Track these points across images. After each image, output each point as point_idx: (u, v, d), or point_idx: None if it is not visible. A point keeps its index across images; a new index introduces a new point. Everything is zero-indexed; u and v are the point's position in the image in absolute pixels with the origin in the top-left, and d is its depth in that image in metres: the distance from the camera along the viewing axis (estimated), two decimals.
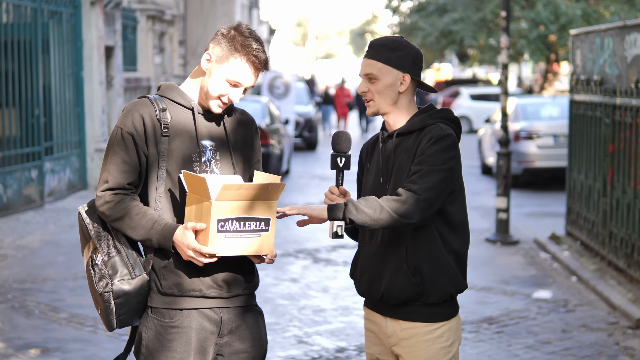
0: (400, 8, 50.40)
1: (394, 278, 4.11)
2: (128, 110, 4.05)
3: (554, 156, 18.95)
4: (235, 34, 4.03)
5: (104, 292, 3.97)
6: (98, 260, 4.01)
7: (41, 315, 8.92)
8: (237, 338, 4.12)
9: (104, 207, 4.01)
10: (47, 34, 16.62)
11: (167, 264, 4.01)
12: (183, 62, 28.64)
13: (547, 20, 35.19)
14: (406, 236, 4.10)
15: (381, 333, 4.26)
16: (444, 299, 4.14)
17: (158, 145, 4.02)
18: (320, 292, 10.11)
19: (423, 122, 4.15)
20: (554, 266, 11.55)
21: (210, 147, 4.09)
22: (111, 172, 4.02)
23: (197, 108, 4.10)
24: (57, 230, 13.68)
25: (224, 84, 4.03)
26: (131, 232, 3.99)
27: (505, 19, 13.42)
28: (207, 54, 4.08)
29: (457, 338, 4.23)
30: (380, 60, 4.15)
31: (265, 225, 3.93)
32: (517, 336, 8.44)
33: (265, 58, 4.06)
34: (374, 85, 4.17)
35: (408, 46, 4.19)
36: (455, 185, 4.13)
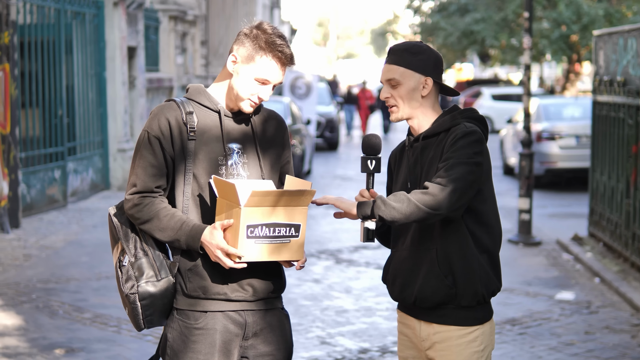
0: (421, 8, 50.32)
1: (427, 281, 4.09)
2: (155, 114, 4.07)
3: (576, 157, 18.90)
4: (258, 32, 4.04)
5: (129, 294, 4.00)
6: (125, 261, 4.04)
7: (65, 315, 8.98)
8: (262, 341, 4.12)
9: (133, 210, 4.03)
10: (71, 35, 16.70)
11: (193, 266, 4.02)
12: (205, 63, 28.70)
13: (569, 20, 35.08)
14: (436, 238, 4.08)
15: (415, 337, 4.24)
16: (477, 300, 4.09)
17: (184, 148, 4.02)
18: (342, 292, 10.13)
19: (448, 124, 4.14)
20: (577, 267, 11.52)
21: (237, 149, 4.09)
22: (139, 175, 4.04)
23: (224, 111, 4.10)
24: (80, 230, 13.75)
25: (253, 83, 4.04)
26: (159, 234, 4.00)
27: (528, 19, 13.40)
28: (232, 56, 4.08)
29: (490, 343, 4.21)
30: (401, 65, 4.15)
31: (295, 231, 3.93)
32: (540, 337, 8.43)
33: (291, 53, 4.06)
34: (397, 91, 4.16)
35: (428, 50, 4.19)
36: (485, 183, 4.10)
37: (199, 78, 27.44)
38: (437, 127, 4.15)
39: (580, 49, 37.17)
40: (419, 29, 51.74)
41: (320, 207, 8.50)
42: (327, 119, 28.81)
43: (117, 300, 9.44)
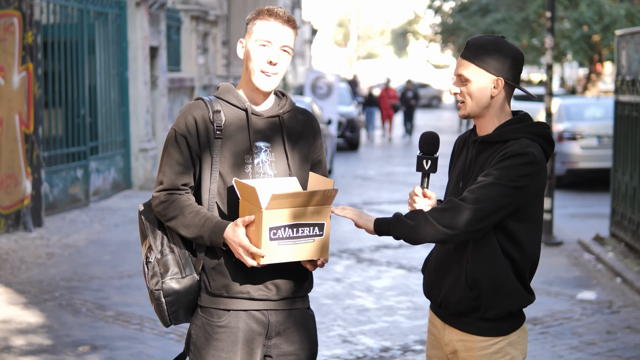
0: (442, 8, 50.27)
1: (452, 288, 4.04)
2: (182, 113, 4.10)
3: (597, 157, 18.86)
4: (255, 11, 4.11)
5: (154, 290, 4.05)
6: (152, 258, 4.09)
7: (88, 313, 9.03)
8: (285, 340, 4.13)
9: (159, 207, 4.07)
10: (93, 35, 16.78)
11: (216, 265, 4.05)
12: (226, 63, 28.76)
13: (591, 20, 34.96)
14: (468, 249, 4.01)
15: (440, 339, 4.20)
16: (502, 315, 4.00)
17: (211, 147, 4.05)
18: (364, 291, 10.15)
19: (509, 135, 4.00)
20: (598, 267, 11.50)
21: (264, 148, 4.10)
22: (166, 173, 4.08)
23: (251, 109, 4.11)
24: (102, 229, 13.82)
25: (257, 50, 4.05)
26: (184, 231, 4.03)
27: (550, 19, 13.38)
28: (239, 43, 4.15)
29: (518, 353, 4.07)
30: (473, 62, 4.01)
31: (319, 230, 3.92)
32: (562, 337, 8.43)
33: (282, 10, 4.08)
34: (466, 87, 4.04)
35: (506, 48, 4.02)
36: (528, 203, 3.96)
37: (221, 78, 27.50)
38: (497, 136, 4.02)
39: (602, 49, 37.04)
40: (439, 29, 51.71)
41: None
42: (348, 119, 28.82)
43: (139, 299, 9.51)
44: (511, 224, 3.97)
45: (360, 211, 4.05)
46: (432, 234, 3.87)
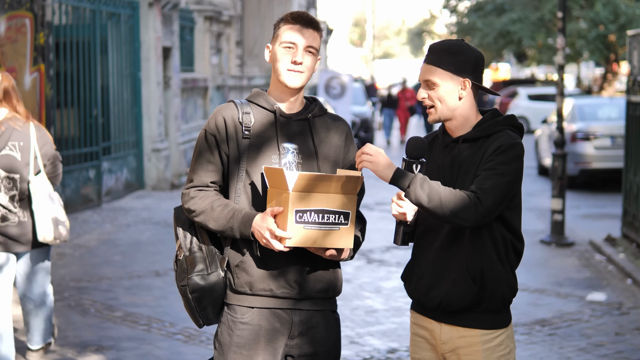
0: (458, 8, 50.22)
1: (455, 285, 4.06)
2: (213, 114, 4.22)
3: (611, 157, 18.78)
4: (281, 17, 4.22)
5: (181, 286, 4.16)
6: (181, 256, 4.19)
7: (96, 313, 9.05)
8: (308, 341, 4.17)
9: (189, 203, 4.18)
10: (106, 35, 16.82)
11: (240, 262, 4.11)
12: (240, 63, 28.77)
13: (607, 20, 34.87)
14: (466, 244, 4.06)
15: (434, 339, 4.19)
16: (503, 304, 4.10)
17: (239, 147, 4.14)
18: (373, 292, 10.14)
19: (490, 129, 4.10)
20: (609, 268, 11.46)
21: (292, 149, 4.17)
22: (196, 171, 4.21)
23: (280, 111, 4.19)
24: (114, 229, 13.85)
25: (283, 51, 4.13)
26: (214, 224, 4.10)
27: (562, 19, 13.34)
28: (266, 48, 4.24)
29: (513, 345, 4.19)
30: (439, 66, 4.08)
31: (344, 219, 3.97)
32: (570, 339, 8.40)
33: (305, 13, 4.17)
34: (434, 92, 4.10)
35: (469, 50, 4.12)
36: (517, 191, 4.10)
37: (234, 78, 27.52)
38: (479, 132, 4.10)
39: (618, 48, 36.93)
40: (455, 28, 51.65)
41: None
42: (362, 119, 28.79)
43: (148, 299, 9.53)
44: (507, 213, 4.07)
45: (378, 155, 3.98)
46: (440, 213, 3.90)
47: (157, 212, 15.52)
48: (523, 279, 10.45)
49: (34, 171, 6.78)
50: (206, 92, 23.96)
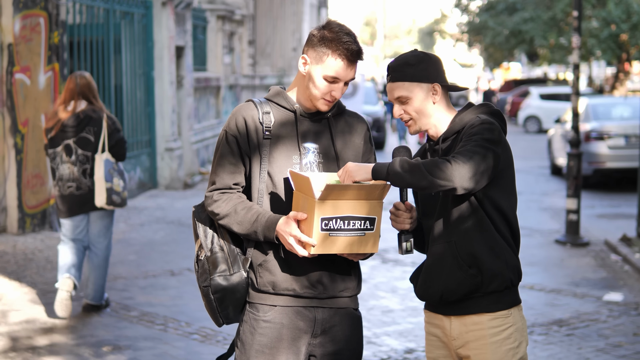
0: (469, 7, 50.13)
1: (451, 274, 4.08)
2: (233, 114, 4.18)
3: (625, 157, 18.70)
4: (325, 32, 4.09)
5: (203, 287, 4.14)
6: (202, 256, 4.17)
7: (112, 313, 9.03)
8: (331, 339, 4.15)
9: (213, 205, 4.15)
10: (119, 35, 16.81)
11: (263, 261, 4.10)
12: (252, 62, 28.76)
13: (619, 19, 34.77)
14: (451, 230, 4.08)
15: (445, 336, 4.22)
16: (505, 285, 4.10)
17: (260, 147, 4.11)
18: (388, 292, 10.11)
19: (465, 120, 4.15)
20: (625, 268, 11.41)
21: (313, 149, 4.15)
22: (218, 173, 4.17)
23: (300, 110, 4.17)
24: (127, 228, 13.84)
25: (323, 82, 4.08)
26: (238, 227, 4.08)
27: (577, 18, 13.29)
28: (302, 58, 4.15)
29: (524, 339, 4.18)
30: (405, 80, 4.14)
31: (370, 225, 3.95)
32: (588, 339, 8.36)
33: (358, 49, 4.08)
34: (409, 106, 4.17)
35: (426, 56, 4.18)
36: (502, 172, 4.07)
37: (247, 77, 27.52)
38: (455, 126, 4.17)
39: (630, 48, 36.83)
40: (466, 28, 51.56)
41: None
42: (374, 118, 28.77)
43: (163, 299, 9.51)
44: (494, 193, 4.07)
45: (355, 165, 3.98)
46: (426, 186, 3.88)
47: (171, 212, 15.51)
48: (539, 279, 10.48)
49: (101, 150, 8.60)
50: (219, 92, 23.95)
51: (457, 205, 4.08)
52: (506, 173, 4.12)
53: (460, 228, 4.08)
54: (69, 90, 8.70)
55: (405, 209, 4.16)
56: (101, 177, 8.55)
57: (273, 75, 31.39)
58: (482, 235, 4.07)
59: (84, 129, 8.60)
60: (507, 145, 4.13)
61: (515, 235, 4.20)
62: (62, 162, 8.66)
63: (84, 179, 8.63)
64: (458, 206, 4.08)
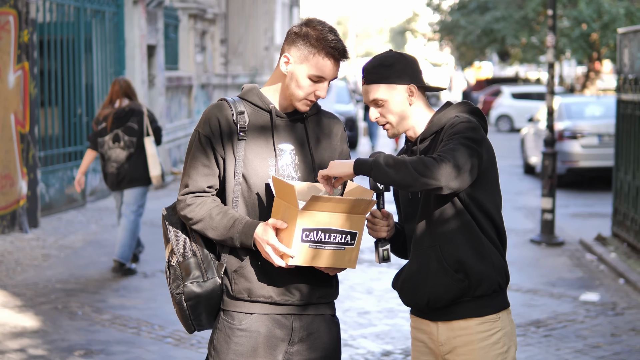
0: (441, 6, 50.20)
1: (437, 280, 3.98)
2: (206, 113, 4.03)
3: (598, 156, 18.72)
4: (308, 29, 3.96)
5: (176, 294, 3.98)
6: (174, 261, 4.02)
7: (84, 316, 8.89)
8: (308, 347, 4.03)
9: (186, 210, 4.00)
10: (90, 33, 16.65)
11: (239, 268, 3.97)
12: (224, 61, 28.63)
13: (590, 18, 34.89)
14: (435, 234, 3.98)
15: (432, 342, 4.13)
16: (493, 289, 4.01)
17: (234, 148, 3.97)
18: (364, 293, 10.02)
19: (443, 119, 4.06)
20: (601, 268, 11.38)
21: (289, 150, 4.03)
22: (191, 176, 4.02)
23: (276, 111, 4.04)
24: (99, 229, 13.69)
25: (308, 82, 3.97)
26: (213, 233, 3.95)
27: (552, 17, 13.25)
28: (284, 57, 4.01)
29: (512, 343, 4.10)
30: (380, 82, 4.04)
31: (351, 239, 3.83)
32: (566, 340, 8.30)
33: (343, 47, 3.97)
34: (385, 108, 4.06)
35: (401, 56, 4.08)
36: (485, 172, 3.98)
37: (219, 77, 27.38)
38: (433, 126, 4.07)
39: (601, 47, 36.97)
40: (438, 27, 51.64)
41: None
42: (346, 117, 28.69)
43: (137, 301, 9.39)
44: (476, 193, 3.98)
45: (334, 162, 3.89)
46: (412, 183, 3.78)
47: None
48: (515, 279, 10.41)
49: (146, 134, 10.56)
50: (190, 91, 23.81)
51: (440, 207, 3.98)
52: (489, 172, 4.03)
53: (444, 231, 3.98)
54: (115, 91, 10.69)
55: (381, 217, 4.06)
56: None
57: (245, 74, 31.26)
58: (467, 238, 3.97)
59: (129, 120, 10.50)
60: (489, 144, 4.03)
61: (502, 236, 4.10)
62: (110, 147, 10.53)
63: (125, 163, 10.51)
64: (440, 209, 3.98)
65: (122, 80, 10.78)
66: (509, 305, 4.12)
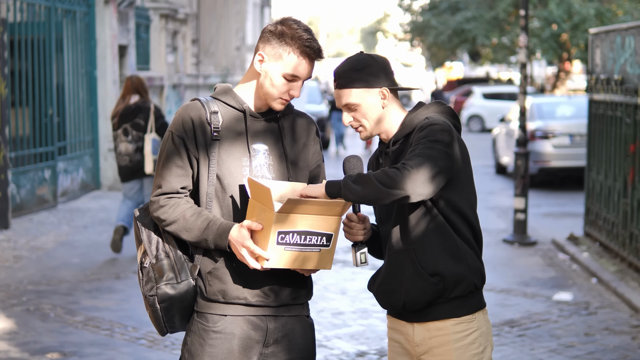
0: (412, 6, 50.28)
1: (412, 283, 3.97)
2: (179, 113, 3.99)
3: (570, 156, 18.81)
4: (283, 28, 3.93)
5: (149, 296, 3.94)
6: (147, 263, 3.97)
7: (57, 318, 8.82)
8: (283, 348, 4.01)
9: (159, 211, 3.95)
10: (61, 33, 16.55)
11: (213, 269, 3.93)
12: (196, 61, 28.55)
13: (560, 19, 35.07)
14: (410, 237, 3.96)
15: (408, 342, 4.11)
16: (469, 290, 3.99)
17: (208, 148, 3.93)
18: (338, 294, 10.00)
19: (415, 121, 4.03)
20: (573, 267, 11.42)
21: (263, 151, 3.99)
22: (164, 177, 3.97)
23: (250, 110, 4.00)
24: (71, 231, 13.60)
25: (282, 81, 3.94)
26: (186, 234, 3.91)
27: (524, 17, 13.29)
28: (258, 55, 3.98)
29: (489, 344, 4.09)
30: (352, 86, 4.01)
31: (327, 241, 3.81)
32: (540, 339, 8.31)
33: (318, 46, 3.95)
34: (358, 113, 4.04)
35: (372, 59, 4.05)
36: (458, 172, 3.96)
37: (190, 77, 27.29)
38: (405, 128, 4.04)
39: (571, 47, 37.16)
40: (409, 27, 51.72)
41: None
42: (318, 118, 28.68)
43: (109, 303, 9.32)
44: (450, 195, 3.95)
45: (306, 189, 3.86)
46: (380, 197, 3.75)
47: (115, 213, 15.23)
48: (489, 279, 10.35)
49: (149, 131, 11.14)
50: (162, 91, 23.71)
51: (414, 210, 3.96)
52: (463, 173, 4.00)
53: (418, 234, 3.96)
54: (127, 87, 11.38)
55: (358, 220, 4.03)
56: (149, 151, 11.10)
57: (217, 74, 31.18)
58: (441, 240, 3.95)
59: (136, 116, 11.16)
60: (462, 144, 4.01)
61: (477, 236, 4.09)
62: (121, 141, 11.20)
63: (135, 154, 11.15)
64: (414, 212, 3.96)
65: (135, 77, 11.51)
66: (485, 305, 4.10)
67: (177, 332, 4.12)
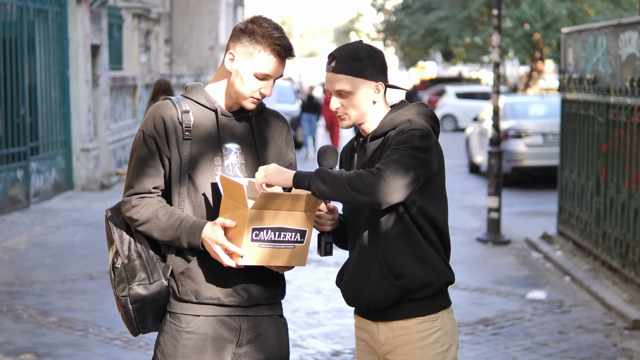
0: (385, 6, 50.34)
1: (377, 283, 3.96)
2: (150, 113, 3.96)
3: (543, 155, 18.89)
4: (254, 26, 3.92)
5: (121, 296, 3.91)
6: (119, 263, 3.94)
7: (30, 319, 8.77)
8: (257, 348, 3.98)
9: (131, 211, 3.92)
10: (33, 33, 16.45)
11: (185, 269, 3.91)
12: (169, 61, 28.47)
13: (533, 18, 35.22)
14: (380, 238, 3.95)
15: (373, 341, 4.11)
16: (433, 293, 3.99)
17: (180, 148, 3.91)
18: (313, 293, 10.00)
19: (396, 120, 4.00)
20: (547, 266, 11.46)
21: (235, 150, 3.97)
22: (136, 177, 3.94)
23: (221, 109, 3.98)
24: (43, 231, 13.53)
25: (253, 79, 3.91)
26: (159, 234, 3.88)
27: (497, 17, 13.33)
28: (229, 54, 3.96)
29: (453, 342, 4.08)
30: (350, 74, 3.97)
31: (301, 237, 3.79)
32: (514, 338, 8.34)
33: (289, 45, 3.93)
34: (348, 100, 4.00)
35: (374, 51, 4.01)
36: (432, 177, 3.94)
37: (163, 76, 27.21)
38: (384, 126, 4.02)
39: (543, 47, 37.33)
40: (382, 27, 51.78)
41: None
42: (291, 117, 28.65)
43: (83, 303, 9.28)
44: (423, 202, 3.95)
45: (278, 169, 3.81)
46: (349, 200, 3.75)
47: (88, 213, 15.21)
48: (463, 278, 10.46)
49: None
50: (135, 91, 23.64)
51: (385, 213, 3.95)
52: (436, 179, 3.99)
53: (386, 236, 3.95)
54: (155, 89, 12.51)
55: (327, 211, 4.01)
56: None
57: (190, 74, 31.12)
58: (409, 243, 3.95)
59: None
60: (439, 149, 3.99)
61: (445, 241, 4.07)
62: None
63: None
64: (384, 213, 3.95)
65: (162, 81, 12.63)
66: (450, 304, 4.10)
67: (150, 333, 4.10)
